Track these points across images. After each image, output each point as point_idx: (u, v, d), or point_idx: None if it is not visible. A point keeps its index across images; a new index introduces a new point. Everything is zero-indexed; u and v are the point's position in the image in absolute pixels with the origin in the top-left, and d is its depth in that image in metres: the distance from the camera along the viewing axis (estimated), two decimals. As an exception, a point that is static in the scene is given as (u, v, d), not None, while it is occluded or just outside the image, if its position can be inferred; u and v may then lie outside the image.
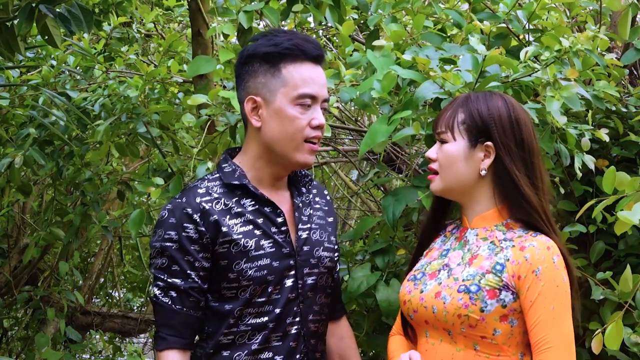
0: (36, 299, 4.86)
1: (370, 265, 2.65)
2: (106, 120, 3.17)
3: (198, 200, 2.04)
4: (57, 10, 2.50)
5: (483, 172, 2.04)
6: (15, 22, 2.55)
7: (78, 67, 3.52)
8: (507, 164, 2.02)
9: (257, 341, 2.05)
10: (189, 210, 2.02)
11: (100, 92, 3.32)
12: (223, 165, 2.13)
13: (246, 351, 2.05)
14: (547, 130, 2.41)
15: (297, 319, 2.09)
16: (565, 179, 2.56)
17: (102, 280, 6.59)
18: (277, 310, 2.06)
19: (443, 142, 2.07)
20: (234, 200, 2.07)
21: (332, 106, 2.46)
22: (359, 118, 4.56)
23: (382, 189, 4.10)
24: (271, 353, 2.06)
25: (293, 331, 2.08)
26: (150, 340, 6.82)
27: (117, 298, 6.87)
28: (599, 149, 2.69)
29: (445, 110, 2.09)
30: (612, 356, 2.54)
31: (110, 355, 6.29)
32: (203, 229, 2.01)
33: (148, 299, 4.77)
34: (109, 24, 3.78)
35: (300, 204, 2.16)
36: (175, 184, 2.90)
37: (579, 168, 2.42)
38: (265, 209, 2.08)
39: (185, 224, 2.02)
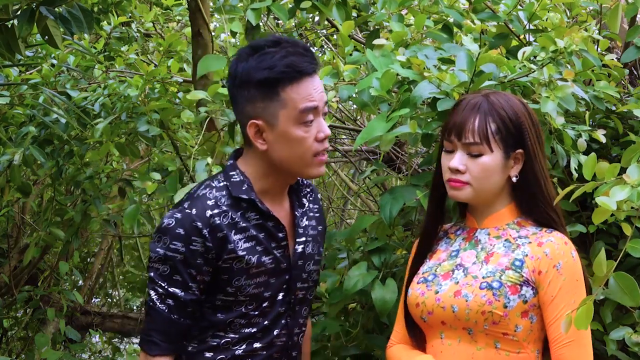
0: (36, 299, 4.85)
1: (366, 264, 2.63)
2: (106, 119, 3.17)
3: (208, 213, 1.98)
4: (58, 11, 2.50)
5: (514, 179, 2.03)
6: (16, 22, 2.55)
7: (78, 67, 3.52)
8: (535, 168, 2.02)
9: (242, 348, 2.05)
10: (198, 224, 1.97)
11: (100, 91, 3.32)
12: (231, 173, 2.06)
13: (230, 355, 2.05)
14: (545, 130, 2.41)
15: (284, 331, 2.08)
16: (565, 179, 2.56)
17: (101, 280, 6.60)
18: (266, 322, 2.05)
19: (476, 153, 2.00)
20: (239, 213, 2.02)
21: (331, 101, 2.44)
22: (358, 117, 4.56)
23: (383, 188, 4.10)
24: None
25: (279, 343, 2.08)
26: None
27: (117, 298, 6.87)
28: (599, 149, 2.69)
29: (469, 118, 2.00)
30: (613, 355, 2.54)
31: (110, 355, 6.29)
32: (210, 244, 1.97)
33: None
34: (109, 24, 3.79)
35: (300, 216, 2.14)
36: (171, 181, 2.87)
37: (575, 169, 2.42)
38: (269, 223, 2.05)
39: (193, 237, 1.97)
